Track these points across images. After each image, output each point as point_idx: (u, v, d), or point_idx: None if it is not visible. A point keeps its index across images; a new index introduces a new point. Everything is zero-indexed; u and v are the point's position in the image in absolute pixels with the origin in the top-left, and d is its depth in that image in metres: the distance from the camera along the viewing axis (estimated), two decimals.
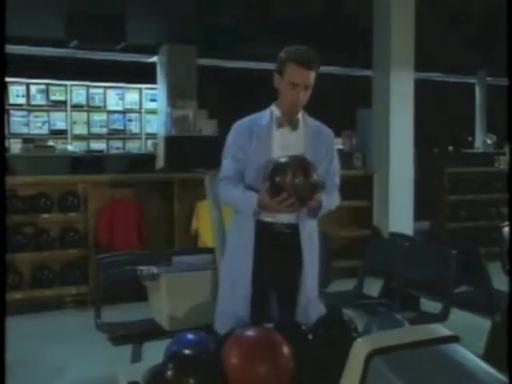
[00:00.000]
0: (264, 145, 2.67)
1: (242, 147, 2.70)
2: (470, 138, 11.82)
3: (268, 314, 2.69)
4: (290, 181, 2.43)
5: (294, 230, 2.69)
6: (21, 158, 6.74)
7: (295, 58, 2.59)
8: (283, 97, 2.68)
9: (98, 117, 10.11)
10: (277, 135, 2.68)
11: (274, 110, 2.74)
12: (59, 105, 9.81)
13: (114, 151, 9.95)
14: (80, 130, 9.95)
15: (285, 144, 2.68)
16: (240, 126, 2.77)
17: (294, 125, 2.71)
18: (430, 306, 3.93)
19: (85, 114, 10.01)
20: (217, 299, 2.82)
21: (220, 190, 2.76)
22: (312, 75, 2.62)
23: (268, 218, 2.67)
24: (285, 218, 2.67)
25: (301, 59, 2.59)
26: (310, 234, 2.74)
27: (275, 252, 2.69)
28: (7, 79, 8.80)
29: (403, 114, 6.31)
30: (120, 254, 4.03)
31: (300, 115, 2.74)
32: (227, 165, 2.72)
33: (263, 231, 2.67)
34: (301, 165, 2.48)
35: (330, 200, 2.75)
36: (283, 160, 2.51)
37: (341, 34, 8.14)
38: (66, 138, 9.78)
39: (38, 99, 9.68)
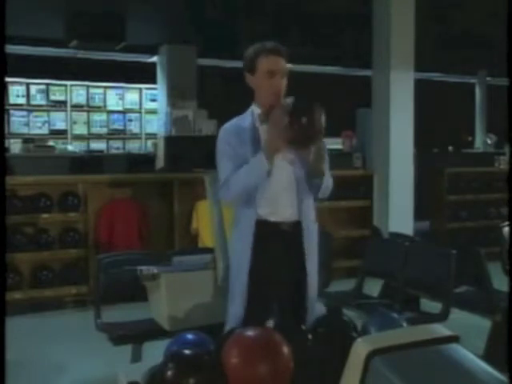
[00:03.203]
0: (252, 146, 2.64)
1: (233, 146, 2.66)
2: (470, 138, 11.83)
3: (268, 313, 2.69)
4: (294, 120, 2.45)
5: (296, 229, 2.68)
6: (21, 158, 6.72)
7: (266, 49, 2.65)
8: (263, 91, 2.67)
9: (98, 117, 10.11)
10: (262, 133, 2.64)
11: (255, 109, 2.73)
12: (59, 105, 9.81)
13: (113, 151, 9.95)
14: (80, 129, 9.95)
15: None
16: (227, 128, 2.74)
17: None
18: (430, 306, 3.93)
19: (85, 114, 10.01)
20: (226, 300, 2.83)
21: (224, 192, 2.67)
22: (284, 63, 2.66)
23: (272, 217, 2.66)
24: (288, 216, 2.66)
25: (271, 48, 2.65)
26: (312, 233, 2.73)
27: (278, 252, 2.68)
28: (7, 79, 8.80)
29: (403, 114, 6.31)
30: (120, 253, 4.03)
31: None
32: (224, 165, 2.66)
33: (267, 231, 2.65)
34: (301, 110, 2.49)
35: (328, 181, 2.72)
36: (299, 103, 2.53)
37: (340, 33, 8.14)
38: (66, 138, 9.78)
39: (38, 99, 9.68)
